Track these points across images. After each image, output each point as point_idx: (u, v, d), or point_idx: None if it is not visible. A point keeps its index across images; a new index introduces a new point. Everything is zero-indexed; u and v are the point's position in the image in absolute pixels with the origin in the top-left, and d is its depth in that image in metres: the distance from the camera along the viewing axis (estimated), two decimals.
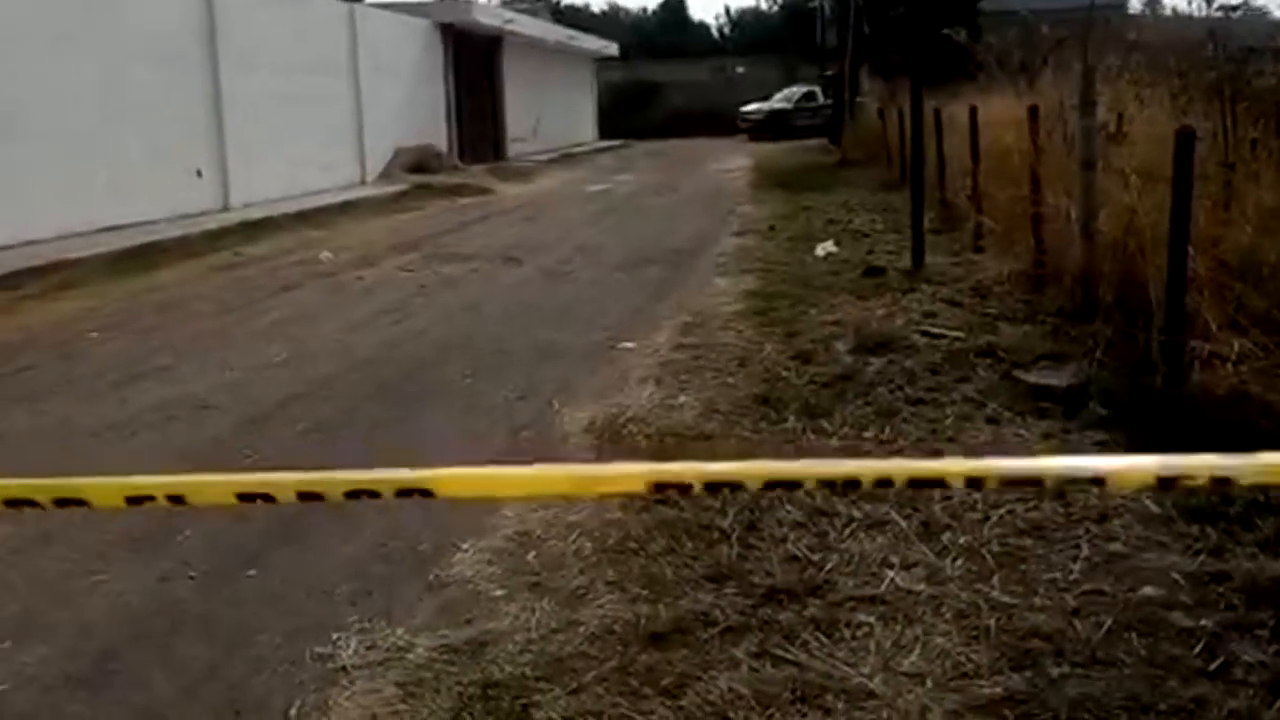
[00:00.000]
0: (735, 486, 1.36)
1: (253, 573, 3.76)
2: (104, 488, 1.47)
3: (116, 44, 13.35)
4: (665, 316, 8.09)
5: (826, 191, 16.86)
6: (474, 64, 27.65)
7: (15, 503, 1.45)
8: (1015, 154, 9.81)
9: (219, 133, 15.70)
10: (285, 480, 1.49)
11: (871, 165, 20.00)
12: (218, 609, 3.52)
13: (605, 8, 62.88)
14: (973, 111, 10.17)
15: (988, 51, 16.92)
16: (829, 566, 3.56)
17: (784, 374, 6.06)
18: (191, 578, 3.74)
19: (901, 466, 1.36)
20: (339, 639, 3.27)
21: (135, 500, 1.46)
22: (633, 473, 1.43)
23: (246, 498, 1.48)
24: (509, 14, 29.91)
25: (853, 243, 11.04)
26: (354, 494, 1.45)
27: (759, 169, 23.45)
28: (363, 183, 20.51)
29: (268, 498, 1.48)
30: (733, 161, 26.90)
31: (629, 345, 7.13)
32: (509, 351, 7.14)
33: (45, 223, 11.68)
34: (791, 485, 1.40)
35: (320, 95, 18.99)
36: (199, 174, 15.21)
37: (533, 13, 34.24)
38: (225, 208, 15.53)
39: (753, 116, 39.58)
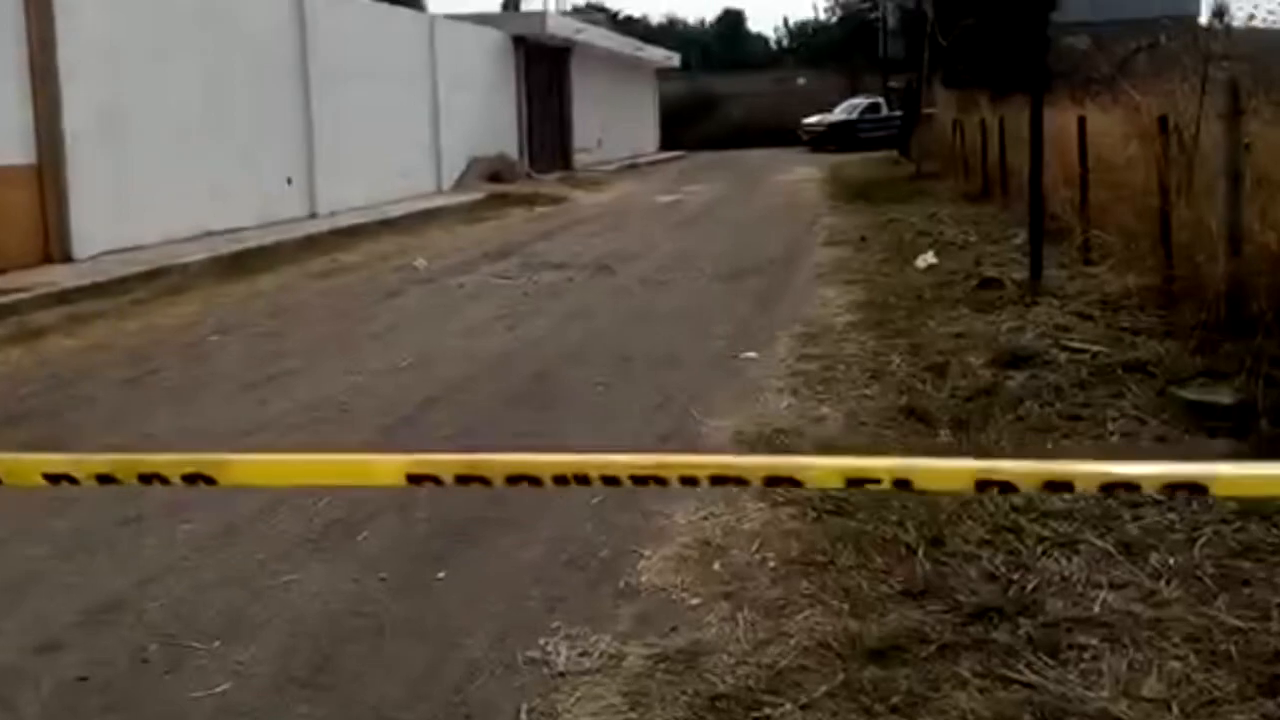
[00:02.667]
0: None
1: (442, 575, 3.77)
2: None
3: (217, 55, 13.60)
4: (778, 326, 8.05)
5: (907, 203, 16.71)
6: (543, 75, 27.83)
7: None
8: (1121, 165, 9.71)
9: (308, 142, 15.92)
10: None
11: (947, 177, 19.87)
12: (418, 611, 3.52)
13: (663, 20, 63.09)
14: (1081, 122, 10.01)
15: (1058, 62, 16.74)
16: (1031, 585, 3.49)
17: (920, 387, 5.99)
18: (383, 579, 3.75)
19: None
20: (547, 644, 3.26)
21: None
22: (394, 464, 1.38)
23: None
24: (579, 24, 30.07)
25: (951, 255, 10.91)
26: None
27: (830, 181, 23.33)
28: (439, 191, 20.70)
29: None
30: (800, 173, 26.80)
31: (751, 355, 7.09)
32: (630, 359, 7.13)
33: (151, 228, 11.90)
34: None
35: (400, 105, 19.22)
36: (289, 182, 15.42)
37: (593, 24, 34.44)
38: (312, 215, 15.74)
39: (815, 128, 39.34)
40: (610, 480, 1.34)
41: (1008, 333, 6.94)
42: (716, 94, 47.06)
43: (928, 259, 10.46)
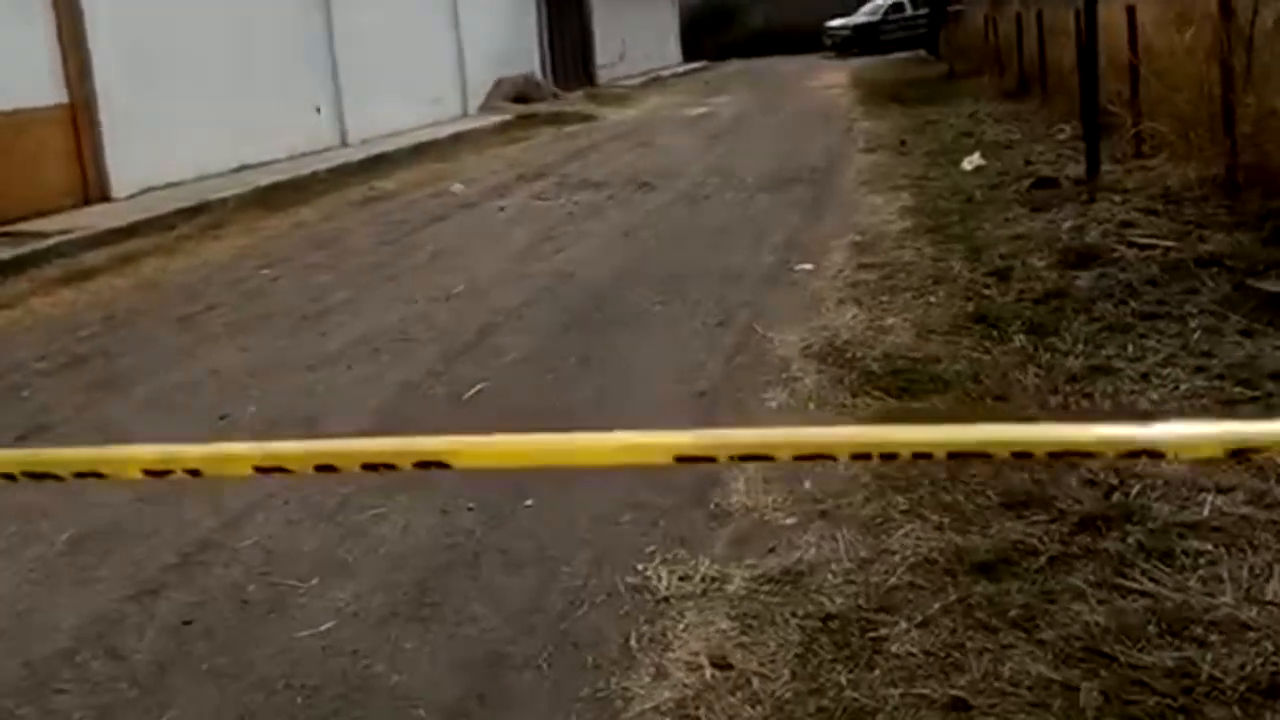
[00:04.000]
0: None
1: (530, 503, 3.74)
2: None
3: None
4: (830, 236, 7.90)
5: (943, 104, 16.31)
6: None
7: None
8: (1168, 54, 9.37)
9: (333, 70, 15.65)
10: (298, 451, 1.21)
11: (982, 75, 19.35)
12: (510, 540, 3.50)
13: None
14: (1131, 10, 9.64)
15: None
16: (1135, 491, 3.41)
17: (986, 292, 5.86)
18: (470, 509, 3.72)
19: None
20: (646, 570, 3.23)
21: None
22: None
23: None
24: None
25: (997, 154, 10.64)
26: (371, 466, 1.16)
27: (860, 85, 22.80)
28: (466, 114, 20.38)
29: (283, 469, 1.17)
30: (828, 78, 26.20)
31: (807, 267, 6.97)
32: (684, 276, 7.02)
33: (186, 163, 11.79)
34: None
35: (423, 29, 18.84)
36: (318, 111, 15.22)
37: None
38: (343, 144, 15.55)
39: (839, 32, 38.38)
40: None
41: (1069, 232, 6.77)
42: (735, 2, 45.95)
43: (974, 160, 10.21)
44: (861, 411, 4.26)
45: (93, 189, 10.86)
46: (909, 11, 35.72)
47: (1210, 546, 3.05)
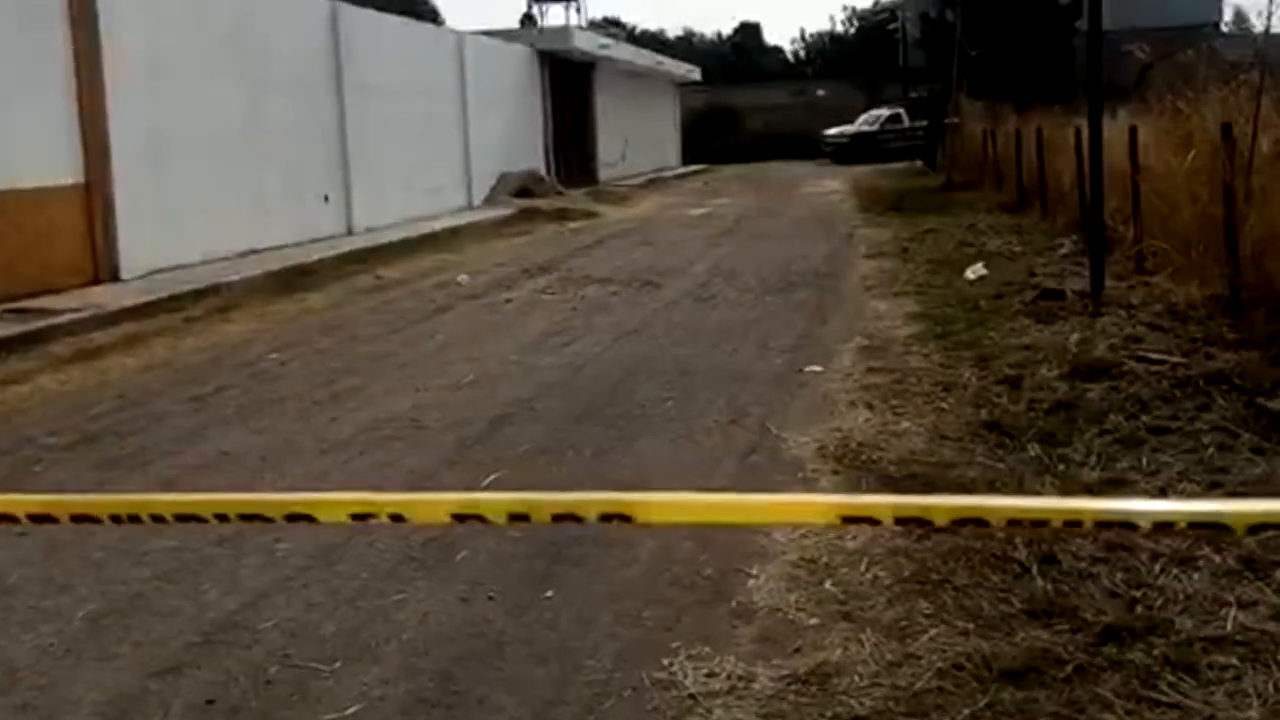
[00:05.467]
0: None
1: (550, 594, 3.73)
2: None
3: (256, 74, 13.66)
4: (836, 339, 8.01)
5: (942, 214, 16.66)
6: (568, 90, 27.87)
7: (249, 517, 1.32)
8: (1166, 173, 9.64)
9: (343, 159, 15.96)
10: (496, 502, 1.32)
11: (980, 187, 19.82)
12: (532, 630, 3.49)
13: (680, 33, 63.17)
14: (1133, 131, 9.95)
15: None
16: (1158, 604, 3.43)
17: (997, 400, 5.93)
18: (491, 598, 3.71)
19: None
20: (671, 665, 3.22)
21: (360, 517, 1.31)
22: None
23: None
24: (603, 39, 30.15)
25: (999, 265, 10.84)
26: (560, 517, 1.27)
27: (858, 192, 23.30)
28: (470, 207, 20.73)
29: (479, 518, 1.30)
30: (826, 185, 26.79)
31: (816, 368, 7.05)
32: (693, 374, 7.10)
33: (194, 246, 11.93)
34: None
35: (431, 122, 19.26)
36: (326, 199, 15.46)
37: (613, 39, 34.50)
38: (349, 231, 15.78)
39: (837, 140, 39.29)
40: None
41: (1078, 344, 6.87)
42: (735, 107, 47.09)
43: (978, 270, 10.40)
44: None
45: (103, 268, 10.96)
46: (906, 123, 36.62)
47: (1235, 661, 3.06)
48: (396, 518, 1.18)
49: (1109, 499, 3.85)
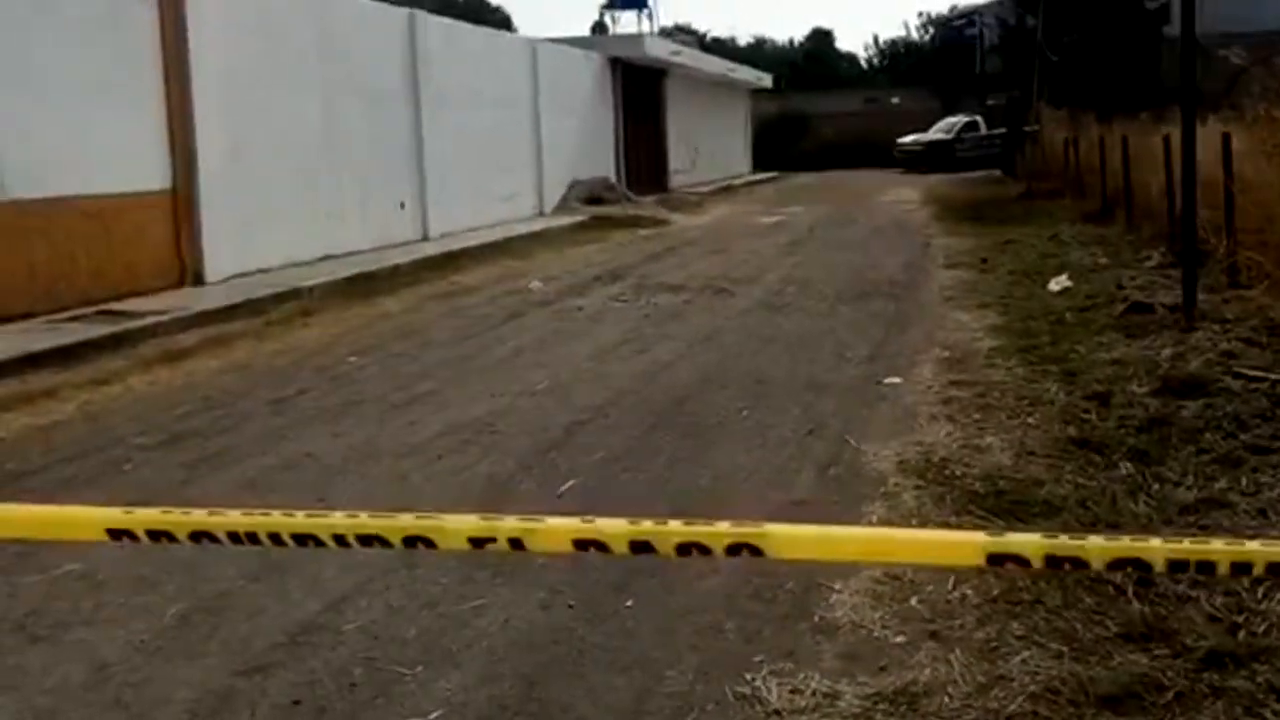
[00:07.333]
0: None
1: (630, 603, 3.70)
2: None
3: (335, 83, 13.88)
4: (917, 351, 7.88)
5: (1022, 223, 16.35)
6: (639, 96, 27.93)
7: (366, 540, 1.39)
8: (1263, 184, 9.33)
9: (419, 166, 16.15)
10: (617, 529, 1.35)
11: (1061, 197, 19.40)
12: (612, 639, 3.46)
13: (751, 40, 63.01)
14: (1226, 138, 9.64)
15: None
16: (1261, 629, 3.30)
17: (1085, 416, 5.77)
18: (570, 606, 3.69)
19: None
20: (754, 680, 3.16)
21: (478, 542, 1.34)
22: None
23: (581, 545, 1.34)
24: (675, 46, 30.16)
25: (1084, 277, 10.59)
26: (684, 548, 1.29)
27: (934, 201, 22.99)
28: (541, 214, 20.85)
29: (601, 546, 1.34)
30: (900, 194, 26.47)
31: (895, 381, 6.94)
32: (768, 383, 7.03)
33: (275, 251, 12.17)
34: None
35: (504, 129, 19.43)
36: (402, 206, 15.66)
37: (684, 46, 34.51)
38: (424, 238, 15.96)
39: (911, 148, 38.81)
40: None
41: (1169, 360, 6.67)
42: (807, 114, 46.73)
43: (1062, 281, 10.17)
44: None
45: (188, 272, 11.20)
46: (983, 130, 36.03)
47: None
48: (516, 543, 1.17)
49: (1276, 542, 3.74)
